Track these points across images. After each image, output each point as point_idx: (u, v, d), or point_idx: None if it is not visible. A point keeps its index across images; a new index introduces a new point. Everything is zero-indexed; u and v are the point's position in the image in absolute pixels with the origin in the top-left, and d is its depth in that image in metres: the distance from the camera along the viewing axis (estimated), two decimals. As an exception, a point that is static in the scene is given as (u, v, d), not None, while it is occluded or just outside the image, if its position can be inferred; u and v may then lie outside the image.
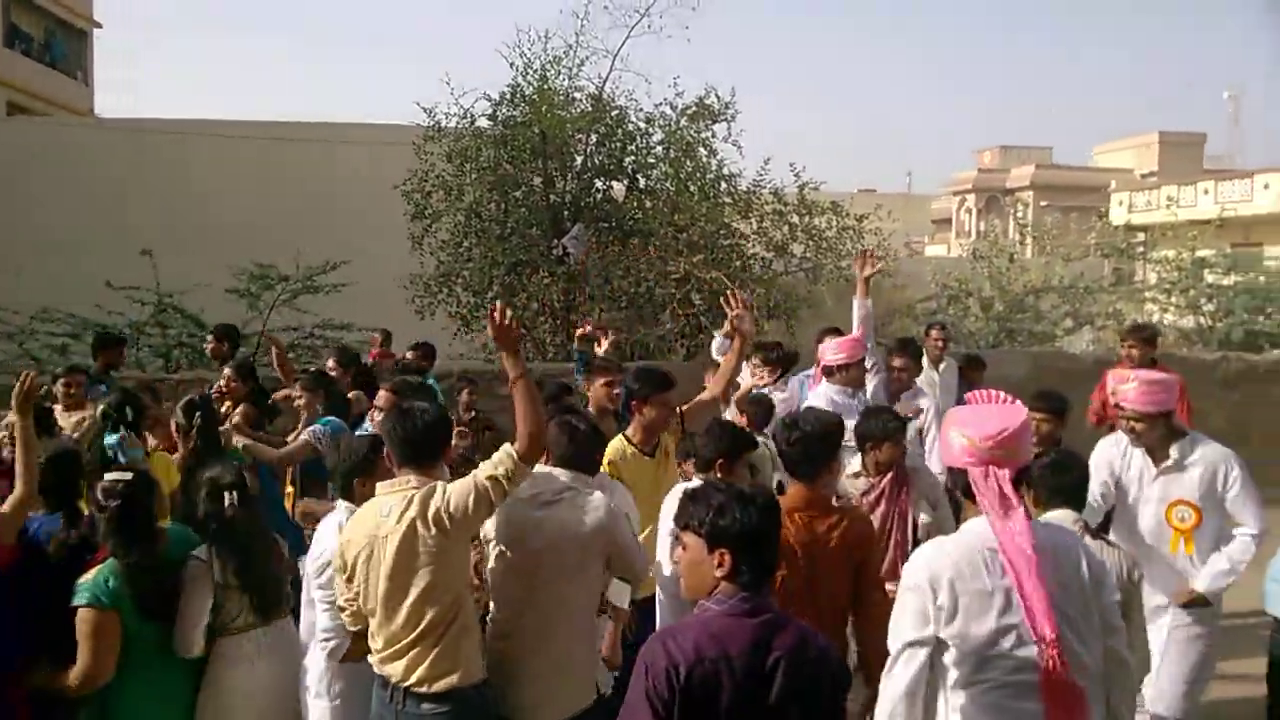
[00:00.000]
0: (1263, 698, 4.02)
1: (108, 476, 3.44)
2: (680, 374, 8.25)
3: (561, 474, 3.39)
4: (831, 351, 5.60)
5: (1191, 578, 3.98)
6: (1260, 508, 3.99)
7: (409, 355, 7.70)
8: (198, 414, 4.73)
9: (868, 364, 5.69)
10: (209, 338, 7.34)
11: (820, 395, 5.58)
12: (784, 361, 6.32)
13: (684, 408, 4.70)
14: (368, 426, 5.18)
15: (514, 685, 3.22)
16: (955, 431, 2.61)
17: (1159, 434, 4.08)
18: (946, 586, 2.50)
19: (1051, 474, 3.46)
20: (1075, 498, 3.48)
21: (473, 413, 7.42)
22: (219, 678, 3.39)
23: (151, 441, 4.99)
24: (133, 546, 3.28)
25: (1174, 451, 4.07)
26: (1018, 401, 2.68)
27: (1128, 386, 4.11)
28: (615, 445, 4.40)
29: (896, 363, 6.03)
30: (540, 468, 3.30)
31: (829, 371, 5.63)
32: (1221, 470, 4.01)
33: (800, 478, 3.37)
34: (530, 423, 3.05)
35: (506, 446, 3.07)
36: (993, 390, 2.73)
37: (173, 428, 4.88)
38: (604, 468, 4.16)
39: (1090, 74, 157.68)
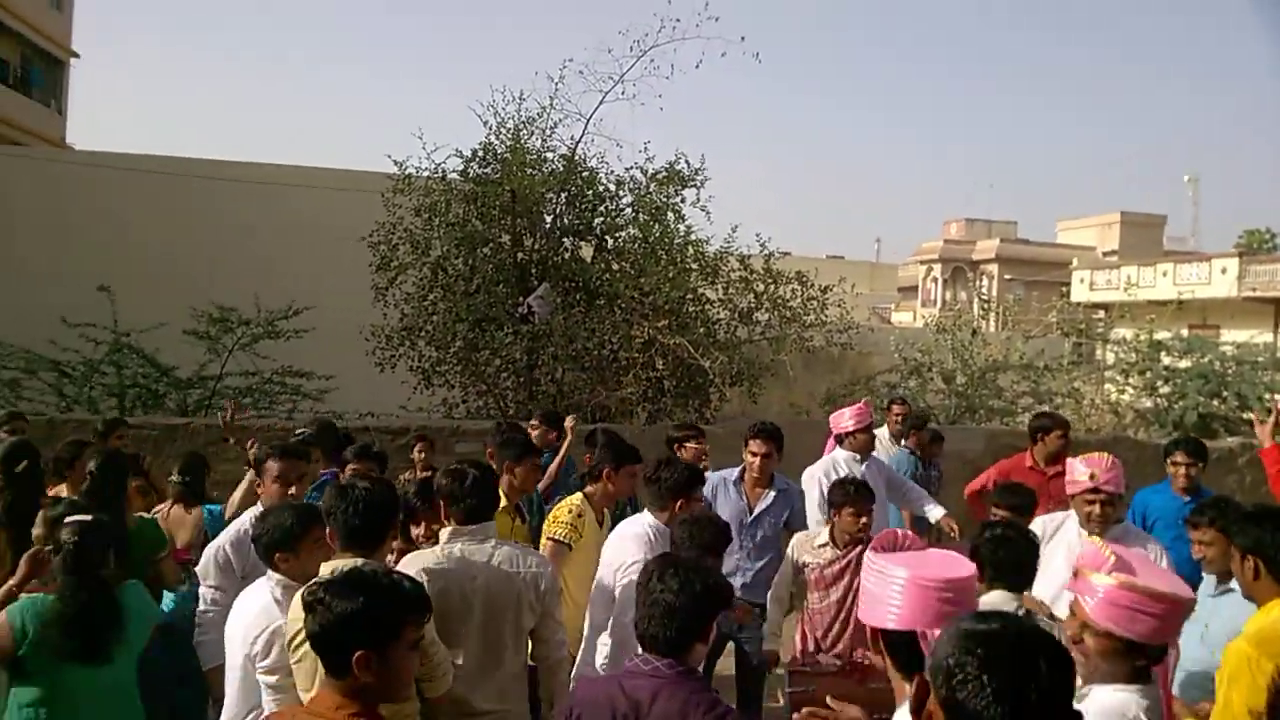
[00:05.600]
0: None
1: (69, 519, 3.51)
2: (641, 439, 8.26)
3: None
4: (848, 417, 5.99)
5: None
6: None
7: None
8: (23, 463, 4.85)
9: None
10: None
11: (831, 461, 5.96)
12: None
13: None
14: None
15: None
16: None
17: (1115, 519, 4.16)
18: None
19: (996, 549, 3.37)
20: (1020, 576, 3.38)
21: (429, 471, 7.27)
22: None
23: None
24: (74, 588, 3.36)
25: (1113, 532, 4.12)
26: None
27: (1103, 469, 4.20)
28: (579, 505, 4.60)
29: (752, 447, 5.36)
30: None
31: (840, 439, 6.02)
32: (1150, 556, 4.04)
33: None
34: None
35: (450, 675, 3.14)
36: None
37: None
38: (569, 530, 4.41)
39: (1058, 149, 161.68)
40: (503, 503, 4.57)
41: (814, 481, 5.90)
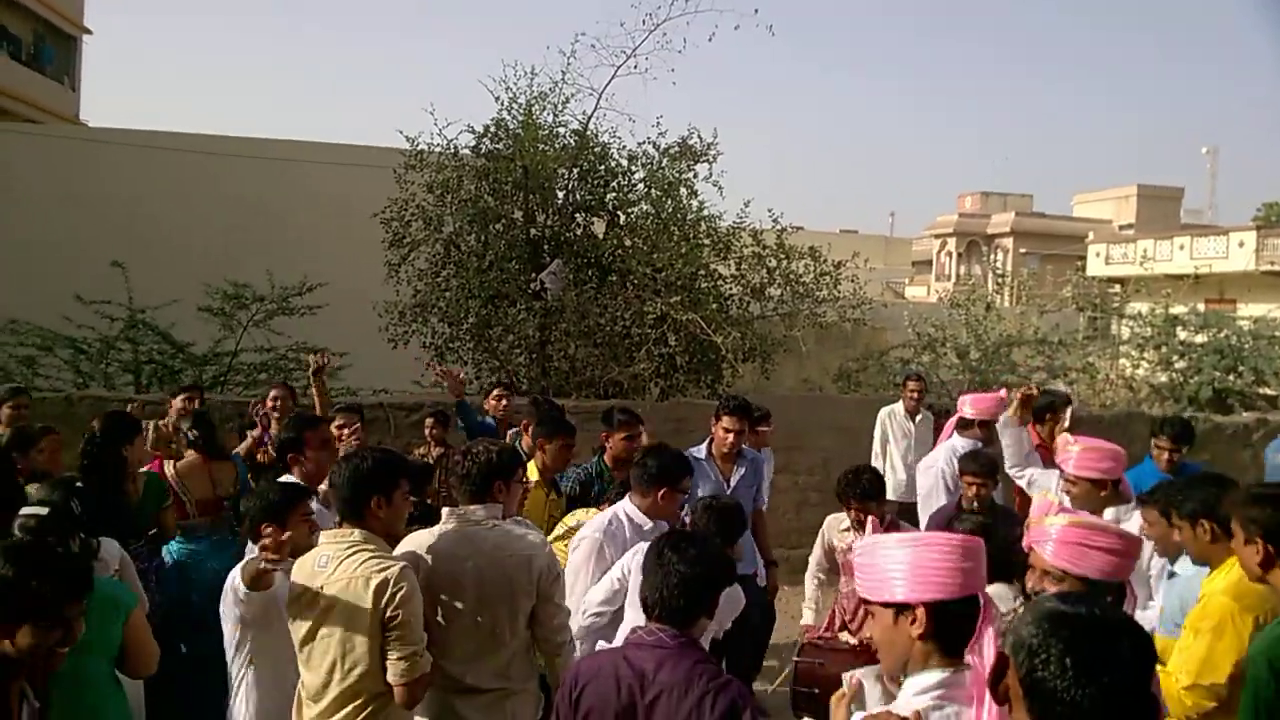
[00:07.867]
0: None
1: (23, 511, 3.37)
2: (654, 413, 8.26)
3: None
4: (969, 405, 6.06)
5: None
6: None
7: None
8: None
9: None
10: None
11: (949, 447, 5.98)
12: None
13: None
14: None
15: None
16: None
17: (1098, 499, 4.13)
18: None
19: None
20: (1002, 569, 3.33)
21: (442, 448, 7.28)
22: None
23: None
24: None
25: (1109, 513, 4.08)
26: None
27: (1072, 449, 4.17)
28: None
29: (725, 424, 5.40)
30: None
31: (964, 424, 6.07)
32: (1150, 545, 4.00)
33: None
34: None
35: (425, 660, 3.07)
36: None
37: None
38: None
39: (1074, 121, 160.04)
40: (534, 477, 4.65)
41: (936, 472, 5.97)
